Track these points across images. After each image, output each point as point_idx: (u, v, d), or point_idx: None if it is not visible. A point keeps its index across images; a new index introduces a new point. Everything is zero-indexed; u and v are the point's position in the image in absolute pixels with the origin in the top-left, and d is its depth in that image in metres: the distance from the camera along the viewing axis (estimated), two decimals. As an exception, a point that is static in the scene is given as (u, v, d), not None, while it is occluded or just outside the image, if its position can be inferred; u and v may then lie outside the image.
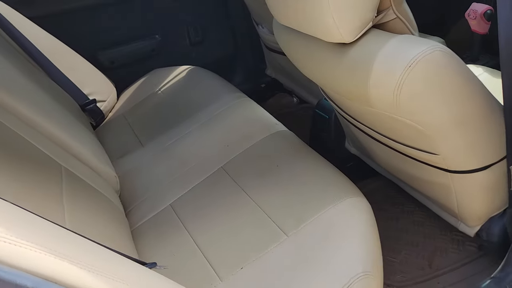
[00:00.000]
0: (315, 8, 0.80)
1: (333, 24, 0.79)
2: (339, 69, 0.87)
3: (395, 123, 0.90)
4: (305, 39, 0.94)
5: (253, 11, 1.79)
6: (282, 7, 0.92)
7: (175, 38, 1.99)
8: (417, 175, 1.10)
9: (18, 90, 1.09)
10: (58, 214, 0.81)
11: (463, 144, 0.88)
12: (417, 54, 0.76)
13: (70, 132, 1.16)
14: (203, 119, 1.47)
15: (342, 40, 0.82)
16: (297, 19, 0.88)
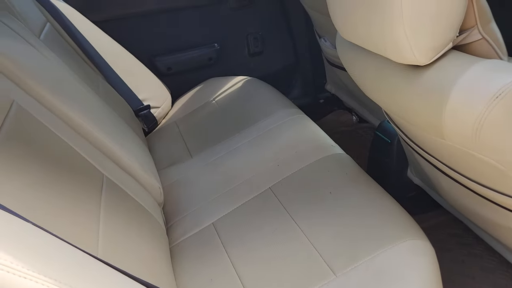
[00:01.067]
0: (385, 23, 0.70)
1: (406, 43, 0.69)
2: (410, 94, 0.76)
3: (472, 159, 0.78)
4: (372, 58, 0.84)
5: (316, 23, 1.70)
6: (347, 22, 0.83)
7: (233, 47, 1.95)
8: (491, 218, 0.96)
9: (70, 93, 1.08)
10: (91, 231, 0.77)
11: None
12: (506, 84, 0.64)
13: (119, 140, 1.13)
14: (255, 134, 1.40)
15: (415, 61, 0.71)
16: (363, 36, 0.79)
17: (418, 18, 0.67)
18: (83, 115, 1.04)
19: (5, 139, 0.73)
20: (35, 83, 0.95)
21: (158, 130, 1.70)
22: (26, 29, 1.13)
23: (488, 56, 0.74)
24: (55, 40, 1.36)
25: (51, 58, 1.15)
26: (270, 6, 1.94)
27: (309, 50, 2.00)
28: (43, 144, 0.83)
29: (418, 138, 0.96)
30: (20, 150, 0.74)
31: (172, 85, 1.83)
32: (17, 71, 0.93)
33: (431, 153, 0.95)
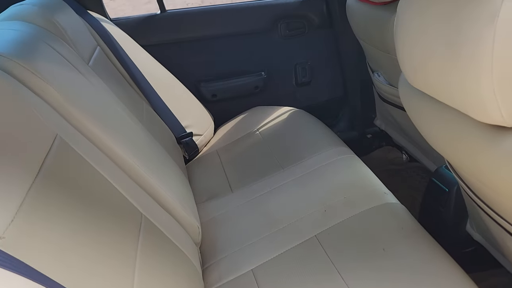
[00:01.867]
0: (469, 77, 0.61)
1: (494, 102, 0.60)
2: (491, 156, 0.67)
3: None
4: (445, 111, 0.75)
5: (370, 57, 1.62)
6: (418, 69, 0.74)
7: (281, 76, 1.89)
8: None
9: (114, 124, 1.04)
10: (127, 278, 0.71)
11: None
12: None
13: (160, 174, 1.08)
14: (300, 172, 1.32)
15: (502, 122, 0.62)
16: (437, 87, 0.70)
17: (510, 75, 0.58)
18: (125, 147, 1.00)
19: (46, 178, 0.69)
20: (80, 114, 0.92)
21: (199, 158, 1.66)
22: (76, 55, 1.12)
23: None
24: (104, 65, 1.34)
25: (98, 85, 1.12)
26: (321, 36, 1.88)
27: (359, 82, 1.92)
28: (83, 183, 0.78)
29: (486, 196, 0.85)
30: (60, 193, 0.69)
31: (215, 112, 1.79)
32: (63, 102, 0.90)
33: (499, 213, 0.84)
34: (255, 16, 1.80)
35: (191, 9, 1.76)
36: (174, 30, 1.73)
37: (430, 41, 0.69)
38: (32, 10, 1.10)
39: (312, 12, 1.84)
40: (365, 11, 1.44)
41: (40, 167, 0.70)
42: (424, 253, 0.94)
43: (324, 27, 1.86)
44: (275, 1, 1.81)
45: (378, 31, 1.35)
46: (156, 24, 1.72)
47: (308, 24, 1.85)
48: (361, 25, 1.51)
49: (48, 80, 0.89)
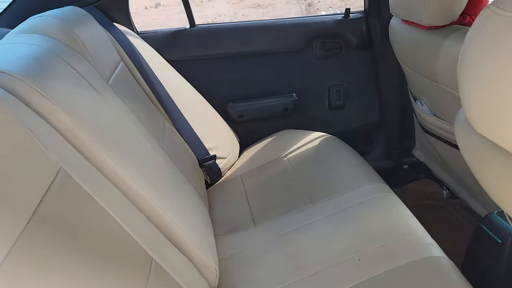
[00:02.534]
0: None
1: None
2: None
3: None
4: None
5: (414, 83, 1.49)
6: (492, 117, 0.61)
7: (313, 98, 1.78)
8: None
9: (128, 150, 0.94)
10: None
11: None
12: None
13: (175, 207, 0.98)
14: (332, 210, 1.19)
15: None
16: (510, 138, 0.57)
17: None
18: (140, 178, 0.90)
19: (41, 221, 0.59)
20: (90, 141, 0.83)
21: (221, 183, 1.55)
22: (95, 72, 1.03)
23: None
24: (126, 81, 1.26)
25: (116, 105, 1.03)
26: (359, 57, 1.75)
27: (398, 108, 1.78)
28: (87, 225, 0.68)
29: None
30: (56, 240, 0.59)
31: (242, 133, 1.69)
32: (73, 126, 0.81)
33: None
34: (289, 34, 1.69)
35: (221, 25, 1.67)
36: (203, 45, 1.64)
37: (508, 82, 0.56)
38: (52, 22, 1.02)
39: (350, 32, 1.72)
40: (411, 34, 1.31)
41: (37, 208, 0.61)
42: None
43: (363, 48, 1.74)
44: (311, 19, 1.70)
45: (426, 58, 1.22)
46: (184, 39, 1.63)
47: (345, 44, 1.73)
48: (405, 48, 1.38)
49: (58, 102, 0.80)
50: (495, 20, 0.59)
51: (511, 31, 0.55)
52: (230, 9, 7.64)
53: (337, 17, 1.71)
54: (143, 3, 8.25)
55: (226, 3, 8.04)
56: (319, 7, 6.93)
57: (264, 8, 7.51)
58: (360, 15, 1.72)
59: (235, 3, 8.02)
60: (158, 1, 7.86)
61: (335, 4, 6.94)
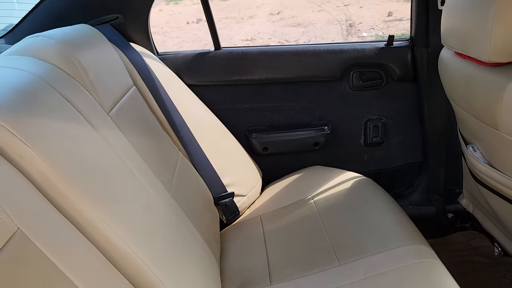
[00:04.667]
0: None
1: None
2: None
3: None
4: None
5: (466, 126, 1.28)
6: None
7: (347, 133, 1.60)
8: None
9: (119, 197, 0.80)
10: None
11: None
12: None
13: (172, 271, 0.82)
14: (362, 275, 1.00)
15: None
16: None
17: None
18: (129, 235, 0.75)
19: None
20: (69, 189, 0.69)
21: (238, 224, 1.39)
22: (93, 103, 0.90)
23: None
24: (136, 108, 1.13)
25: (113, 142, 0.89)
26: (402, 90, 1.56)
27: (444, 149, 1.57)
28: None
29: None
30: None
31: (265, 168, 1.53)
32: (49, 173, 0.67)
33: None
34: (324, 61, 1.52)
35: (249, 48, 1.52)
36: (228, 70, 1.50)
37: None
38: (48, 44, 0.90)
39: (393, 61, 1.53)
40: (466, 69, 1.11)
41: None
42: None
43: (406, 80, 1.55)
44: (349, 46, 1.53)
45: (485, 100, 1.02)
46: (208, 62, 1.50)
47: (386, 74, 1.55)
48: (458, 86, 1.19)
49: (33, 143, 0.67)
50: None
51: None
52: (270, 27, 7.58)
53: (379, 44, 1.53)
54: (186, 18, 8.35)
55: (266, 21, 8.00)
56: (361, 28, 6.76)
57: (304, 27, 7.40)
58: (405, 43, 1.54)
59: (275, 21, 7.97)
60: (200, 17, 7.92)
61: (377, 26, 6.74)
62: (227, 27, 7.62)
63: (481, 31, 0.96)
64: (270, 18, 8.15)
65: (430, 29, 1.44)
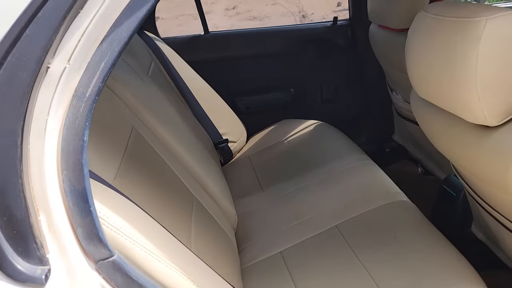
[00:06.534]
0: (459, 86, 0.80)
1: (478, 105, 0.78)
2: (478, 150, 0.84)
3: (536, 217, 0.83)
4: (444, 116, 0.93)
5: (389, 77, 1.81)
6: (424, 81, 0.93)
7: (308, 93, 2.09)
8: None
9: (171, 124, 1.25)
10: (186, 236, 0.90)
11: None
12: None
13: (205, 168, 1.29)
14: (324, 175, 1.50)
15: (485, 122, 0.80)
16: (438, 95, 0.89)
17: (491, 83, 0.76)
18: (180, 143, 1.21)
19: (129, 157, 0.90)
20: (146, 113, 1.13)
21: (232, 163, 1.85)
22: (139, 66, 1.34)
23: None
24: (158, 76, 1.57)
25: (156, 93, 1.34)
26: (346, 58, 2.08)
27: (379, 101, 2.10)
28: (152, 165, 0.99)
29: (484, 192, 1.02)
30: (138, 169, 0.90)
31: (249, 123, 1.99)
32: (134, 102, 1.11)
33: (496, 208, 1.01)
34: (286, 39, 2.01)
35: (230, 31, 1.99)
36: (215, 49, 1.96)
37: (432, 60, 0.88)
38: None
39: (338, 37, 2.04)
40: (385, 36, 1.63)
41: (126, 147, 0.91)
42: (431, 240, 1.11)
43: (349, 50, 2.06)
44: (305, 26, 2.03)
45: (396, 53, 1.53)
46: (200, 43, 1.95)
47: (334, 47, 2.06)
48: (381, 48, 1.71)
49: (125, 86, 1.11)
50: (426, 20, 0.91)
51: (435, 27, 0.87)
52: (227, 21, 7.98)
53: (327, 24, 2.04)
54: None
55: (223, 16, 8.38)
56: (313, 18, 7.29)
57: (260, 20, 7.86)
58: (346, 22, 2.05)
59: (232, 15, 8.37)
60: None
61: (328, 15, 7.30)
62: (185, 24, 7.94)
63: (390, 6, 1.48)
64: (226, 13, 8.52)
65: (363, 10, 1.96)
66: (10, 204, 0.43)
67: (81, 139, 0.49)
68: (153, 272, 0.54)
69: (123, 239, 0.54)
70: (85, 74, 0.48)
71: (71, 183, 0.48)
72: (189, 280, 0.58)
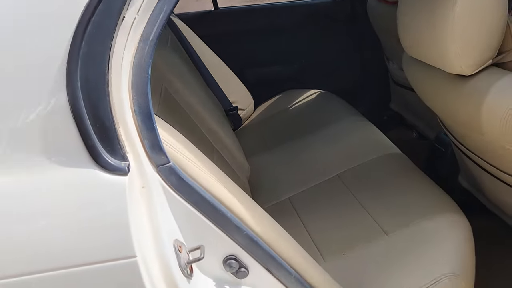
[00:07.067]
0: (440, 42, 0.96)
1: (456, 57, 0.94)
2: (457, 98, 1.01)
3: (505, 153, 1.00)
4: (430, 70, 1.09)
5: (386, 48, 1.96)
6: (412, 40, 1.09)
7: (311, 65, 2.25)
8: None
9: (191, 87, 1.41)
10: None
11: None
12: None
13: (222, 127, 1.45)
14: (326, 134, 1.67)
15: (462, 72, 0.96)
16: (424, 52, 1.04)
17: (466, 39, 0.92)
18: (201, 105, 1.37)
19: (160, 112, 1.06)
20: (172, 77, 1.29)
21: (242, 129, 2.02)
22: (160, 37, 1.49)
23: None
24: (176, 48, 1.72)
25: (178, 61, 1.50)
26: (346, 32, 2.23)
27: (377, 71, 2.25)
28: (180, 119, 1.15)
29: (464, 138, 1.18)
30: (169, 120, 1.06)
31: (256, 93, 2.15)
32: (161, 66, 1.27)
33: (475, 152, 1.17)
34: (291, 14, 2.16)
35: (239, 7, 2.14)
36: (225, 24, 2.11)
37: (418, 21, 1.04)
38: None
39: (339, 12, 2.19)
40: (382, 9, 1.78)
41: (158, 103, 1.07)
42: (419, 182, 1.28)
43: (348, 25, 2.21)
44: (308, 2, 2.17)
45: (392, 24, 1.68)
46: (210, 19, 2.10)
47: (334, 21, 2.20)
48: (379, 20, 1.86)
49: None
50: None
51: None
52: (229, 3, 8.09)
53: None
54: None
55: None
56: None
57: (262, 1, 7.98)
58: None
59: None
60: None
61: None
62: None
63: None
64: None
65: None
66: (101, 116, 0.60)
67: (146, 73, 0.65)
68: (198, 179, 0.71)
69: (175, 152, 0.71)
70: (149, 23, 0.64)
71: (139, 106, 0.65)
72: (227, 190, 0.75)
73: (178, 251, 0.66)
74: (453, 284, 0.92)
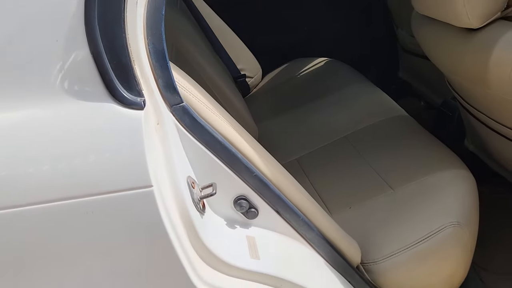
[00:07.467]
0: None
1: (463, 10, 0.94)
2: (464, 52, 1.01)
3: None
4: (438, 25, 1.10)
5: (396, 15, 1.95)
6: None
7: (320, 33, 2.24)
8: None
9: (201, 49, 1.43)
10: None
11: None
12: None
13: (231, 91, 1.47)
14: (333, 99, 1.68)
15: (469, 25, 0.97)
16: (431, 6, 1.05)
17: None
18: (211, 68, 1.39)
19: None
20: (183, 37, 1.31)
21: (250, 96, 2.04)
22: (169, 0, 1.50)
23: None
24: (185, 12, 1.73)
25: (188, 24, 1.51)
26: (356, 3, 2.21)
27: (386, 41, 2.24)
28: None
29: (471, 97, 1.19)
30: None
31: (264, 61, 2.15)
32: (172, 26, 1.28)
33: (481, 110, 1.18)
34: None
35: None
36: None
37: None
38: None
39: None
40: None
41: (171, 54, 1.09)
42: (425, 141, 1.30)
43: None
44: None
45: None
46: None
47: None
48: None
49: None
50: None
51: None
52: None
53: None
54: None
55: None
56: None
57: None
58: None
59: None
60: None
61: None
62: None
63: None
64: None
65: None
66: (119, 53, 0.62)
67: (160, 13, 0.67)
68: (210, 120, 0.73)
69: (188, 94, 0.73)
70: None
71: (154, 46, 0.67)
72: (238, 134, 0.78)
73: (191, 187, 0.69)
74: (458, 232, 0.94)
